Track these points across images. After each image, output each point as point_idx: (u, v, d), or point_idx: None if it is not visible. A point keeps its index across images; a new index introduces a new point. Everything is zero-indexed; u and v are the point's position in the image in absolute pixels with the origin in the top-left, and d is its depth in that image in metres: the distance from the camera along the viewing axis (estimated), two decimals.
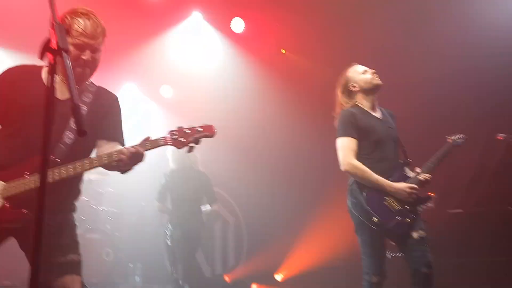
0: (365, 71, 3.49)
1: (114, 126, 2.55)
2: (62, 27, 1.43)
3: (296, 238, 7.22)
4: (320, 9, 6.29)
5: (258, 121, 7.50)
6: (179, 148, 2.34)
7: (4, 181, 2.26)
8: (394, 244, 3.34)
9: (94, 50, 2.35)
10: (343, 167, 3.26)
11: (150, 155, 2.35)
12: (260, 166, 7.69)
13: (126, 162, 2.26)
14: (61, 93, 2.34)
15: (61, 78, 2.36)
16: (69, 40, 2.27)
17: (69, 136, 2.34)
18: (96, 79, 2.52)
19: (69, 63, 1.40)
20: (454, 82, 5.86)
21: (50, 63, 1.38)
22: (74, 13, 2.32)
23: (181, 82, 7.41)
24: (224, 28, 6.91)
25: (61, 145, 2.31)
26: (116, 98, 2.63)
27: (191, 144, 2.33)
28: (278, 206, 7.56)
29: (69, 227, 2.48)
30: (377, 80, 3.45)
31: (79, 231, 5.65)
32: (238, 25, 6.80)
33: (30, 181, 2.20)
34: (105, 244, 5.77)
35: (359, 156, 3.27)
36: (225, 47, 7.13)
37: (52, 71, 1.37)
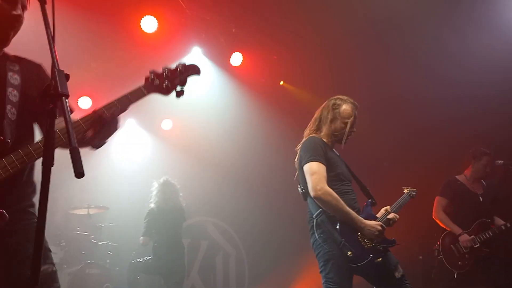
0: (351, 121, 3.32)
1: None
2: (62, 73, 1.45)
3: (297, 270, 7.14)
4: (317, 41, 6.47)
5: (259, 153, 7.56)
6: (166, 95, 1.99)
7: None
8: (370, 282, 3.22)
9: (23, 6, 2.09)
10: (315, 192, 3.01)
11: (147, 188, 2.20)
12: (261, 198, 7.70)
13: (91, 133, 1.86)
14: None
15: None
16: None
17: (11, 111, 1.98)
18: None
19: (68, 106, 1.41)
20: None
21: (50, 107, 1.41)
22: None
23: (180, 115, 7.48)
24: (222, 62, 7.05)
25: (6, 122, 1.94)
26: (42, 66, 2.25)
27: (179, 88, 1.98)
28: (280, 238, 7.52)
29: (33, 230, 2.01)
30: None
31: (79, 265, 5.65)
32: (236, 59, 6.96)
33: None
34: (105, 280, 5.69)
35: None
36: (224, 80, 7.26)
37: (52, 115, 1.40)
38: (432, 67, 6.25)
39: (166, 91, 1.97)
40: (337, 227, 3.00)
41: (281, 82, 7.72)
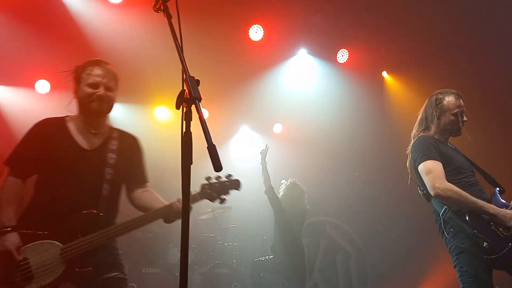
0: (459, 111, 3.19)
1: (140, 169, 2.73)
2: (193, 79, 1.58)
3: (426, 268, 6.80)
4: (425, 28, 6.14)
5: (372, 149, 7.38)
6: (213, 201, 2.50)
7: (58, 242, 2.36)
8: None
9: (108, 88, 2.56)
10: (434, 191, 2.90)
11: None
12: (377, 195, 7.48)
13: (171, 218, 2.44)
14: (89, 143, 2.56)
15: (85, 127, 2.57)
16: (83, 82, 2.53)
17: (106, 188, 2.49)
18: (216, 124, 2.63)
19: (201, 108, 1.53)
20: None
21: (185, 111, 1.53)
22: (85, 64, 2.59)
23: (290, 118, 7.58)
24: (329, 60, 7.04)
25: (101, 199, 2.47)
26: (137, 139, 2.78)
27: (222, 197, 2.51)
28: (403, 237, 7.23)
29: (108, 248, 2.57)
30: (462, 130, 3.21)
31: (209, 265, 5.99)
32: (343, 55, 6.93)
33: (86, 242, 2.36)
34: (233, 279, 5.98)
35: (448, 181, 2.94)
36: (331, 78, 7.21)
37: (187, 118, 1.53)
38: None
39: (212, 199, 2.49)
40: (467, 218, 2.83)
41: (383, 72, 7.47)
